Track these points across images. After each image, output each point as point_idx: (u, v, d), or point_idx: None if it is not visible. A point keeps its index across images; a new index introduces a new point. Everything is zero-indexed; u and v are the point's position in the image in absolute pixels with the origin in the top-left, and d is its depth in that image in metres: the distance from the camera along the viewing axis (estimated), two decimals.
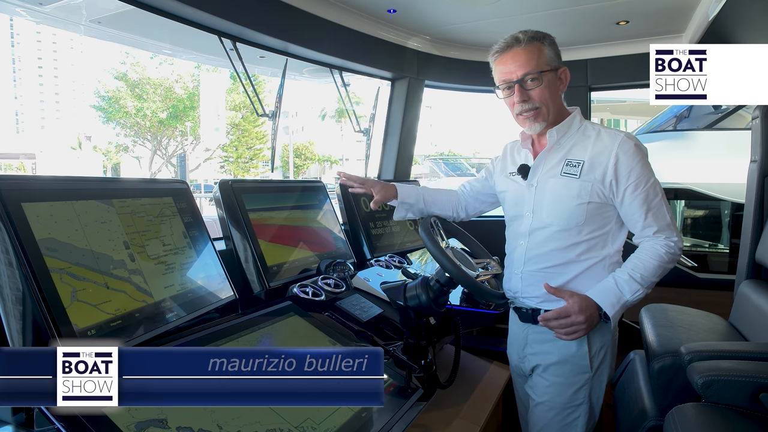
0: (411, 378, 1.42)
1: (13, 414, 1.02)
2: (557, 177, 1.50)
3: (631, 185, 1.44)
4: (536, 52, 1.45)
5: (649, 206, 1.44)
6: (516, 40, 1.47)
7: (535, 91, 1.46)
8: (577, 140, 1.51)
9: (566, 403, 1.50)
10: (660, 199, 1.45)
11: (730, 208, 5.36)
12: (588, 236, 1.48)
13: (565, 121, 1.53)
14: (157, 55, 22.65)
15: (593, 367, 1.50)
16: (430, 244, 1.49)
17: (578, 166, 1.47)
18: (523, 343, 1.60)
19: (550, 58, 1.47)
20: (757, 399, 1.39)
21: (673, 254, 1.44)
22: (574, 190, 1.47)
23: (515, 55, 1.47)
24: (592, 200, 1.46)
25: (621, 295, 1.43)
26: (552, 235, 1.50)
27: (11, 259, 0.99)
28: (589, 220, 1.47)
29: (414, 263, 2.50)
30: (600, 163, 1.45)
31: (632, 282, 1.43)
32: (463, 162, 15.46)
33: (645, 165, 1.45)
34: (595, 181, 1.45)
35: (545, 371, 1.54)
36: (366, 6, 2.55)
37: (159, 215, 1.39)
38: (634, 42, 3.00)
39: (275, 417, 1.09)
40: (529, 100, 1.47)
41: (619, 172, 1.44)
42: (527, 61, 1.45)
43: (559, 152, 1.52)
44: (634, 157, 1.43)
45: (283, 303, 1.58)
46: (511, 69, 1.47)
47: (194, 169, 25.41)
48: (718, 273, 4.59)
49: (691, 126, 6.39)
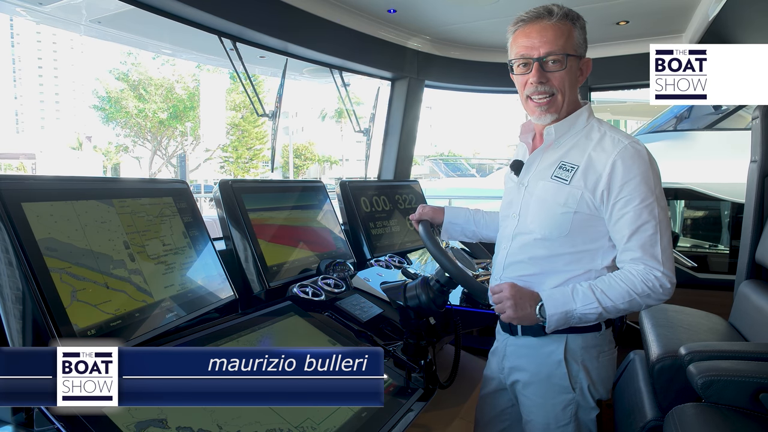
0: (411, 378, 1.42)
1: (13, 414, 1.02)
2: (547, 180, 1.35)
3: (622, 200, 1.26)
4: (566, 31, 1.29)
5: (636, 229, 1.25)
6: (548, 12, 1.29)
7: (555, 74, 1.29)
8: (578, 141, 1.35)
9: (552, 422, 1.40)
10: (654, 225, 1.24)
11: (730, 209, 5.36)
12: (572, 249, 1.32)
13: (567, 119, 1.36)
14: (159, 56, 22.69)
15: (576, 388, 1.36)
16: (430, 244, 1.48)
17: (571, 170, 1.31)
18: (503, 353, 1.49)
19: (578, 43, 1.31)
20: (757, 399, 1.39)
21: (652, 288, 1.24)
22: (561, 197, 1.31)
23: (543, 29, 1.29)
24: (580, 210, 1.29)
25: (570, 302, 1.26)
26: (533, 243, 1.36)
27: (11, 259, 0.99)
28: (576, 231, 1.31)
29: (414, 263, 2.50)
30: (595, 170, 1.28)
31: (589, 294, 1.25)
32: (464, 162, 15.45)
33: (645, 180, 1.25)
34: (586, 190, 1.28)
35: (525, 389, 1.43)
36: (366, 6, 2.55)
37: (159, 215, 1.39)
38: (634, 42, 3.00)
39: (275, 417, 1.09)
40: (547, 82, 1.30)
41: (613, 183, 1.26)
42: (555, 38, 1.28)
43: (556, 152, 1.37)
44: (634, 168, 1.25)
45: (283, 303, 1.58)
46: (534, 43, 1.29)
47: (194, 169, 25.43)
48: (718, 273, 4.59)
49: (691, 126, 6.39)
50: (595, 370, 1.38)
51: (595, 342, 1.37)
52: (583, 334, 1.36)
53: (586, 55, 1.35)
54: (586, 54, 1.35)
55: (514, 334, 1.43)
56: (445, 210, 1.69)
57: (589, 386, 1.37)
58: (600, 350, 1.38)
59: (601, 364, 1.39)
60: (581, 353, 1.36)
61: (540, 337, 1.37)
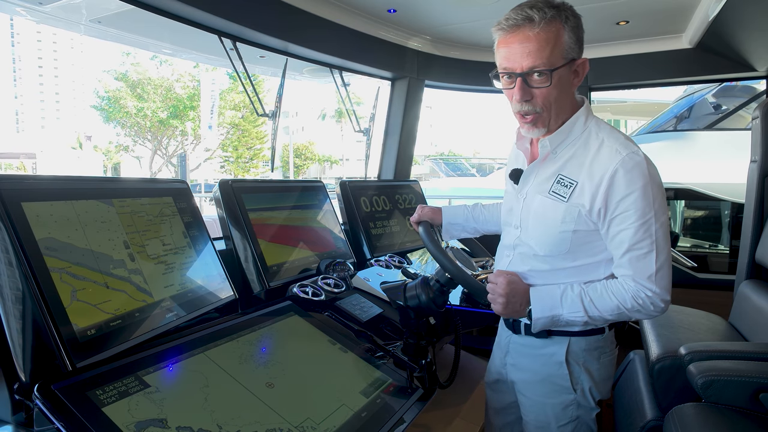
0: (411, 378, 1.42)
1: (13, 413, 1.02)
2: (544, 195, 1.29)
3: (619, 216, 1.19)
4: (552, 39, 1.15)
5: (631, 247, 1.19)
6: (530, 20, 1.15)
7: (540, 90, 1.20)
8: (576, 151, 1.27)
9: (552, 422, 1.40)
10: (650, 243, 1.18)
11: (730, 209, 5.37)
12: (574, 263, 1.29)
13: (562, 129, 1.27)
14: (157, 56, 22.70)
15: (577, 389, 1.35)
16: (430, 244, 1.48)
17: (570, 187, 1.24)
18: (505, 350, 1.50)
19: (568, 47, 1.18)
20: (756, 399, 1.39)
21: (642, 306, 1.20)
22: (558, 215, 1.25)
23: (525, 40, 1.16)
24: (579, 228, 1.24)
25: (558, 306, 1.25)
26: (533, 257, 1.34)
27: (11, 259, 0.99)
28: (576, 248, 1.27)
29: (414, 263, 2.50)
30: (592, 185, 1.21)
31: (578, 302, 1.24)
32: (464, 162, 15.45)
33: (644, 195, 1.17)
34: (583, 207, 1.22)
35: (525, 388, 1.43)
36: (366, 6, 2.55)
37: (159, 215, 1.39)
38: (634, 42, 3.00)
39: (275, 417, 1.09)
40: (531, 100, 1.21)
41: (610, 198, 1.19)
42: (538, 50, 1.15)
43: (554, 164, 1.30)
44: (633, 183, 1.17)
45: (283, 303, 1.58)
46: (516, 56, 1.18)
47: (194, 168, 25.45)
48: (718, 273, 4.59)
49: (691, 126, 6.40)
50: (597, 371, 1.38)
51: (597, 344, 1.37)
52: (587, 337, 1.36)
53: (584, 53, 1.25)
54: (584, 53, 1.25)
55: (517, 332, 1.43)
56: (443, 210, 1.68)
57: (591, 387, 1.37)
58: (602, 351, 1.38)
59: (603, 364, 1.38)
60: (583, 355, 1.36)
61: (542, 338, 1.37)
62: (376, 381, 1.36)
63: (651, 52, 2.99)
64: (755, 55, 2.70)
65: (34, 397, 0.91)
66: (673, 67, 2.98)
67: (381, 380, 1.37)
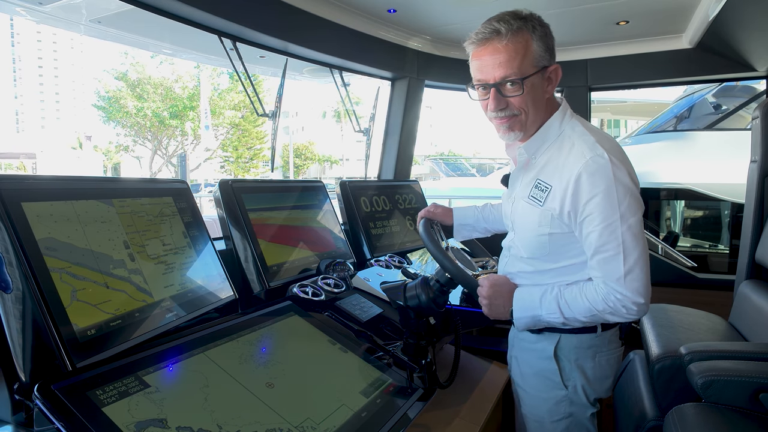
0: (411, 378, 1.42)
1: (13, 413, 1.02)
2: (525, 200, 1.35)
3: (586, 219, 1.21)
4: (521, 49, 1.20)
5: (597, 250, 1.21)
6: (496, 32, 1.20)
7: (513, 99, 1.25)
8: (552, 156, 1.30)
9: (546, 416, 1.43)
10: (616, 246, 1.18)
11: (730, 209, 5.37)
12: (556, 265, 1.33)
13: (537, 135, 1.32)
14: (157, 55, 22.71)
15: (569, 386, 1.39)
16: (430, 244, 1.49)
17: (545, 191, 1.28)
18: (512, 342, 1.57)
19: (538, 56, 1.23)
20: (756, 399, 1.39)
21: (614, 308, 1.22)
22: (535, 219, 1.30)
23: (495, 51, 1.22)
24: (554, 231, 1.28)
25: (537, 308, 1.31)
26: (520, 259, 1.41)
27: (11, 259, 0.99)
28: (556, 251, 1.31)
29: (414, 263, 2.50)
30: (561, 188, 1.24)
31: (554, 304, 1.28)
32: (464, 162, 15.45)
33: (607, 197, 1.17)
34: (554, 210, 1.26)
35: (522, 380, 1.49)
36: (366, 6, 2.55)
37: (159, 215, 1.39)
38: (634, 42, 3.00)
39: (275, 417, 1.09)
40: (507, 107, 1.27)
41: (576, 202, 1.21)
42: (508, 60, 1.20)
43: (533, 169, 1.35)
44: (596, 186, 1.18)
45: (283, 303, 1.58)
46: (488, 68, 1.23)
47: (194, 168, 25.45)
48: (718, 273, 4.59)
49: (691, 126, 6.41)
50: (591, 369, 1.39)
51: (591, 343, 1.38)
52: (578, 335, 1.38)
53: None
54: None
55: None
56: (454, 212, 1.72)
57: (584, 385, 1.39)
58: (597, 350, 1.39)
59: (598, 363, 1.40)
60: (575, 353, 1.38)
61: (535, 333, 1.42)
62: (376, 381, 1.36)
63: (651, 52, 2.99)
64: (755, 55, 2.70)
65: (34, 397, 0.90)
66: (673, 67, 2.97)
67: (381, 380, 1.37)
